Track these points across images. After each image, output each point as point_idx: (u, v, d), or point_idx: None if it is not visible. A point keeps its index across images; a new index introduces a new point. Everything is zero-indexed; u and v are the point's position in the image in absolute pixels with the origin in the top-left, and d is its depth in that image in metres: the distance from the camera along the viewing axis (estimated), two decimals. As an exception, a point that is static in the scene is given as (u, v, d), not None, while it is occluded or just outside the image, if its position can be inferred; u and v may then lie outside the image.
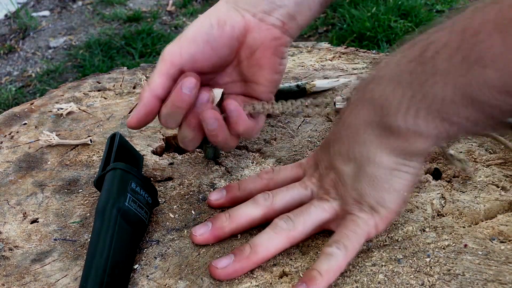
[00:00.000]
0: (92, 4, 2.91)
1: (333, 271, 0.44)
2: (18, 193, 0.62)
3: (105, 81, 0.88)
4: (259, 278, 0.47)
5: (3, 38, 2.59)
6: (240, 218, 0.50)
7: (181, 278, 0.48)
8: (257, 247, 0.46)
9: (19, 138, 0.73)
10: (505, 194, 0.54)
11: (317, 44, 0.95)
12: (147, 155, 0.66)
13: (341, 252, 0.44)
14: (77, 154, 0.68)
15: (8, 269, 0.51)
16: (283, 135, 0.68)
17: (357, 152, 0.46)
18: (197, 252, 0.50)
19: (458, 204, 0.53)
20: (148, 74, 0.90)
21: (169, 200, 0.58)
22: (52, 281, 0.49)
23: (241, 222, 0.50)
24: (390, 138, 0.44)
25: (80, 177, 0.63)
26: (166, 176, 0.62)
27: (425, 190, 0.56)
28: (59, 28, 2.67)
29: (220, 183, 0.60)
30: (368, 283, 0.45)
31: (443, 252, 0.47)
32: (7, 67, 2.37)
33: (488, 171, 0.57)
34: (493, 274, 0.44)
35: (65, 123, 0.76)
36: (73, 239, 0.54)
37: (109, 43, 2.35)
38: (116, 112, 0.78)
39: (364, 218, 0.46)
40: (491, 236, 0.48)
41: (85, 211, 0.58)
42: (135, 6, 2.81)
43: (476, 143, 0.62)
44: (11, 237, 0.55)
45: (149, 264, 0.50)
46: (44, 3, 2.98)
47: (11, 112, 0.81)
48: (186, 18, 2.58)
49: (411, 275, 0.45)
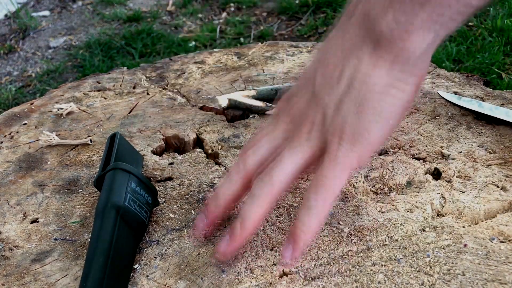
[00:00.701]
0: (92, 4, 2.91)
1: (316, 222, 0.43)
2: (18, 193, 0.62)
3: (105, 81, 0.88)
4: (259, 278, 0.47)
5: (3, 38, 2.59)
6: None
7: (181, 278, 0.48)
8: (244, 221, 0.45)
9: (19, 138, 0.73)
10: (505, 194, 0.54)
11: (317, 44, 0.95)
12: (147, 155, 0.66)
13: (319, 201, 0.43)
14: (77, 154, 0.68)
15: (8, 269, 0.51)
16: (283, 135, 0.68)
17: (347, 74, 0.42)
18: (197, 252, 0.50)
19: (458, 204, 0.53)
20: (148, 74, 0.90)
21: (169, 200, 0.58)
22: (52, 281, 0.49)
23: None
24: (382, 48, 0.41)
25: (80, 177, 0.63)
26: (166, 176, 0.62)
27: (425, 190, 0.56)
28: (59, 28, 2.67)
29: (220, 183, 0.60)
30: (368, 283, 0.45)
31: (443, 252, 0.47)
32: (7, 67, 2.37)
33: (488, 171, 0.57)
34: (493, 274, 0.44)
35: (65, 123, 0.76)
36: (73, 239, 0.54)
37: (109, 43, 2.35)
38: (116, 112, 0.78)
39: (344, 153, 0.43)
40: (491, 236, 0.48)
41: (85, 211, 0.58)
42: (135, 6, 2.81)
43: (476, 143, 0.62)
44: (11, 237, 0.55)
45: (149, 264, 0.50)
46: (44, 3, 2.98)
47: (11, 112, 0.81)
48: (186, 18, 2.58)
49: (411, 275, 0.45)
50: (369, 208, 0.54)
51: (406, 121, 0.68)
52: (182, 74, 0.88)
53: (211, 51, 0.97)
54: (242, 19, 2.46)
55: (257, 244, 0.51)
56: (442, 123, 0.67)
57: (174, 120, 0.74)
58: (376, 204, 0.55)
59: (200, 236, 0.52)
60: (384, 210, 0.54)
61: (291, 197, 0.57)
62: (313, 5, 2.46)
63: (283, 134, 0.47)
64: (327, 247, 0.50)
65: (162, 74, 0.89)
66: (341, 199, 0.56)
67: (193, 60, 0.93)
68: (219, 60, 0.93)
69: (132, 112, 0.77)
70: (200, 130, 0.71)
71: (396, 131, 0.66)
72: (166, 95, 0.81)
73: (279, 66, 0.87)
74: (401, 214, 0.52)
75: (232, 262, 0.49)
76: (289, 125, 0.47)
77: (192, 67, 0.90)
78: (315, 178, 0.44)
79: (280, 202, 0.56)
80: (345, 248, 0.49)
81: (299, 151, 0.45)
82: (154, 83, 0.86)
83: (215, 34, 2.33)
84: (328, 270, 0.47)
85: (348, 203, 0.55)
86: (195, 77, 0.87)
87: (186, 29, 2.47)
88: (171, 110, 0.77)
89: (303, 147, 0.45)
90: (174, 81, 0.86)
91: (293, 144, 0.46)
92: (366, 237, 0.50)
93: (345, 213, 0.54)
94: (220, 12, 2.60)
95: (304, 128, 0.45)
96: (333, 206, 0.55)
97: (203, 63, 0.92)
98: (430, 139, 0.64)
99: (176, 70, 0.90)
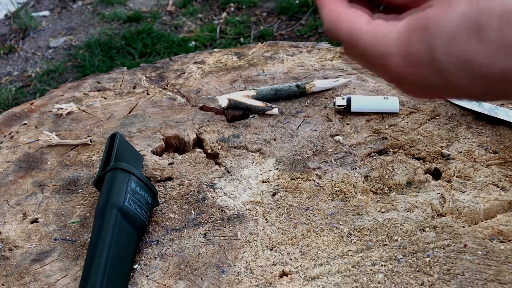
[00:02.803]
0: (92, 4, 2.92)
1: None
2: (18, 193, 0.62)
3: (105, 81, 0.88)
4: (259, 278, 0.47)
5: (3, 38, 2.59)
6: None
7: (181, 278, 0.48)
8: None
9: (19, 138, 0.73)
10: (505, 194, 0.54)
11: (317, 44, 0.95)
12: (147, 155, 0.66)
13: None
14: (77, 154, 0.68)
15: (8, 269, 0.51)
16: (283, 135, 0.68)
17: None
18: (197, 252, 0.50)
19: (457, 204, 0.53)
20: (148, 74, 0.90)
21: (169, 200, 0.58)
22: (52, 281, 0.49)
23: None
24: None
25: (80, 177, 0.63)
26: (166, 176, 0.62)
27: (425, 190, 0.56)
28: (59, 28, 2.67)
29: (220, 183, 0.60)
30: (368, 283, 0.45)
31: (442, 252, 0.47)
32: (7, 67, 2.37)
33: (488, 171, 0.57)
34: (493, 273, 0.44)
35: (65, 123, 0.76)
36: (73, 239, 0.54)
37: (109, 43, 2.35)
38: (116, 112, 0.78)
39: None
40: (490, 236, 0.48)
41: (85, 211, 0.58)
42: (135, 6, 2.81)
43: (476, 143, 0.62)
44: (11, 237, 0.55)
45: (149, 264, 0.50)
46: (44, 3, 2.98)
47: (11, 112, 0.81)
48: (186, 18, 2.58)
49: (411, 275, 0.45)
50: (369, 208, 0.54)
51: (406, 121, 0.68)
52: (182, 74, 0.88)
53: (211, 51, 0.97)
54: (242, 19, 2.46)
55: (257, 244, 0.51)
56: (442, 123, 0.67)
57: (174, 120, 0.74)
58: (376, 204, 0.55)
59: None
60: (384, 210, 0.54)
61: (291, 197, 0.57)
62: (313, 5, 2.46)
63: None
64: (327, 247, 0.50)
65: (162, 74, 0.89)
66: (341, 199, 0.56)
67: (193, 60, 0.93)
68: (219, 60, 0.93)
69: (132, 112, 0.77)
70: (200, 130, 0.71)
71: (396, 131, 0.66)
72: (166, 95, 0.81)
73: (279, 66, 0.87)
74: (401, 214, 0.52)
75: (232, 262, 0.49)
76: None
77: (192, 67, 0.90)
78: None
79: (280, 202, 0.57)
80: (345, 248, 0.49)
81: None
82: (154, 83, 0.86)
83: (215, 34, 2.34)
84: (328, 270, 0.47)
85: (348, 203, 0.55)
86: (195, 77, 0.87)
87: (186, 29, 2.48)
88: (171, 110, 0.77)
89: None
90: (174, 81, 0.86)
91: None
92: (366, 237, 0.50)
93: (345, 213, 0.54)
94: (220, 12, 2.60)
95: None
96: (333, 206, 0.55)
97: (203, 63, 0.92)
98: (430, 139, 0.64)
99: (176, 70, 0.90)
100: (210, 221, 0.54)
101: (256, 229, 0.53)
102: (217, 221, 0.54)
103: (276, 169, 0.62)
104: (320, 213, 0.54)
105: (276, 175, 0.61)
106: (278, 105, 0.74)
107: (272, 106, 0.73)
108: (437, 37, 0.27)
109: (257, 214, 0.55)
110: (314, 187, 0.58)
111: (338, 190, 0.57)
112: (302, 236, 0.51)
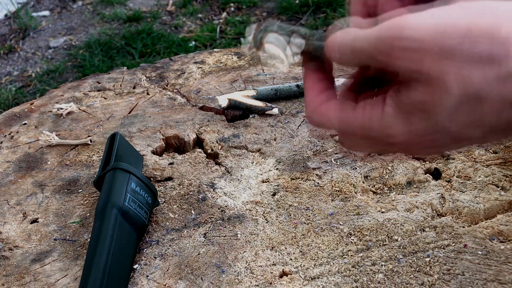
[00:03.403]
0: (92, 4, 2.92)
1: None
2: (18, 193, 0.62)
3: (105, 81, 0.88)
4: (259, 278, 0.47)
5: (3, 38, 2.59)
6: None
7: (181, 278, 0.48)
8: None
9: (19, 138, 0.73)
10: (505, 194, 0.54)
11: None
12: (147, 155, 0.66)
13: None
14: (77, 154, 0.68)
15: (8, 269, 0.51)
16: (283, 135, 0.68)
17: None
18: (197, 252, 0.50)
19: (457, 204, 0.53)
20: (148, 74, 0.90)
21: (169, 200, 0.58)
22: (52, 281, 0.49)
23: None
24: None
25: (80, 177, 0.63)
26: (166, 176, 0.62)
27: (425, 190, 0.56)
28: (59, 28, 2.67)
29: (220, 183, 0.60)
30: (368, 283, 0.45)
31: (442, 252, 0.47)
32: (7, 67, 2.37)
33: (488, 171, 0.57)
34: (493, 273, 0.44)
35: (65, 123, 0.76)
36: (73, 239, 0.54)
37: (109, 43, 2.35)
38: (116, 112, 0.78)
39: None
40: (490, 236, 0.48)
41: (85, 211, 0.58)
42: (135, 6, 2.81)
43: (476, 143, 0.62)
44: (11, 237, 0.55)
45: (149, 264, 0.50)
46: (44, 3, 2.98)
47: (11, 112, 0.81)
48: (186, 18, 2.58)
49: (411, 275, 0.45)
50: (369, 208, 0.54)
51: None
52: (182, 74, 0.88)
53: (211, 51, 0.97)
54: (242, 19, 2.46)
55: (257, 244, 0.51)
56: (442, 123, 0.67)
57: (174, 120, 0.74)
58: (376, 204, 0.55)
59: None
60: (384, 210, 0.54)
61: (291, 197, 0.57)
62: (313, 5, 2.46)
63: None
64: (327, 247, 0.50)
65: (162, 74, 0.89)
66: (341, 199, 0.56)
67: (193, 60, 0.93)
68: (219, 60, 0.93)
69: (132, 112, 0.77)
70: (200, 130, 0.71)
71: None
72: (166, 95, 0.82)
73: (279, 66, 0.87)
74: (401, 214, 0.52)
75: (232, 262, 0.49)
76: None
77: (192, 67, 0.90)
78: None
79: (280, 202, 0.57)
80: (345, 248, 0.49)
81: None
82: (154, 83, 0.86)
83: (215, 34, 2.34)
84: (328, 270, 0.47)
85: (348, 203, 0.55)
86: (195, 77, 0.87)
87: (186, 29, 2.48)
88: (171, 110, 0.77)
89: None
90: (174, 81, 0.86)
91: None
92: (366, 237, 0.50)
93: (345, 213, 0.54)
94: (220, 12, 2.60)
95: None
96: (333, 206, 0.55)
97: (203, 63, 0.92)
98: (430, 139, 0.64)
99: (176, 70, 0.90)
100: (210, 221, 0.54)
101: (256, 229, 0.53)
102: (217, 221, 0.54)
103: (276, 169, 0.62)
104: (320, 213, 0.54)
105: (276, 175, 0.61)
106: (278, 105, 0.74)
107: (272, 106, 0.73)
108: (438, 116, 0.29)
109: (257, 214, 0.55)
110: (314, 187, 0.58)
111: (338, 190, 0.57)
112: (302, 236, 0.51)
